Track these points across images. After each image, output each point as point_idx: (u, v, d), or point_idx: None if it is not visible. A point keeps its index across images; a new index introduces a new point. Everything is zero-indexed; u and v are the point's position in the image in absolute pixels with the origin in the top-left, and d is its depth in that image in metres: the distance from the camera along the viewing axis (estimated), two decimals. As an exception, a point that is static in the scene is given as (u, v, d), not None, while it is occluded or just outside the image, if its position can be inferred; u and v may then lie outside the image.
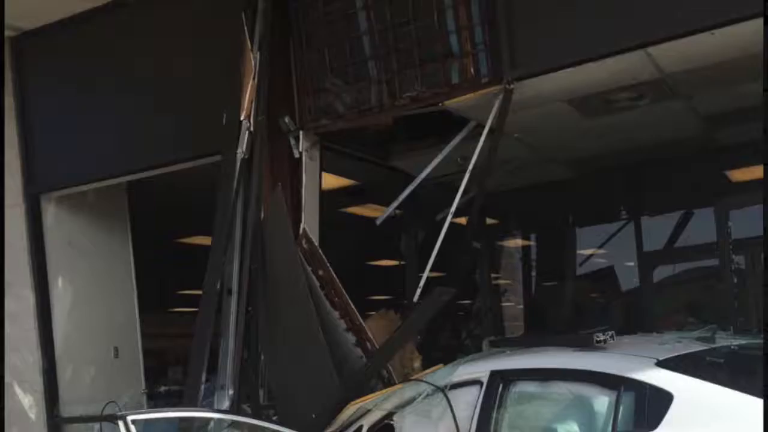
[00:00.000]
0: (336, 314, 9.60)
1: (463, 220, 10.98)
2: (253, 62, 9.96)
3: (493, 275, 16.20)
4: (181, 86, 10.95)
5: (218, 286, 9.68)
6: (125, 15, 11.45)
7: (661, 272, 14.28)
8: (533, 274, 16.62)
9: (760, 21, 7.42)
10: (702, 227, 12.92)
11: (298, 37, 10.39)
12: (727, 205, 11.78)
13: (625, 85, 9.81)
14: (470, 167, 9.63)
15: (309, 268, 9.64)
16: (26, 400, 12.04)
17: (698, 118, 11.40)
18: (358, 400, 7.99)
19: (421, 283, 9.56)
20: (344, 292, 9.66)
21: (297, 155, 10.32)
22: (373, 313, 11.63)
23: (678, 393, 6.32)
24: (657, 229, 14.15)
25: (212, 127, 10.22)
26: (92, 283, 12.54)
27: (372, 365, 8.98)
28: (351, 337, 9.59)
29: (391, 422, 7.84)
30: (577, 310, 15.19)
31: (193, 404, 9.37)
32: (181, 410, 9.07)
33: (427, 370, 8.36)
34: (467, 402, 7.34)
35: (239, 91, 9.98)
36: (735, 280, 11.51)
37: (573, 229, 15.55)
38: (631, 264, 14.46)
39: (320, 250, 9.88)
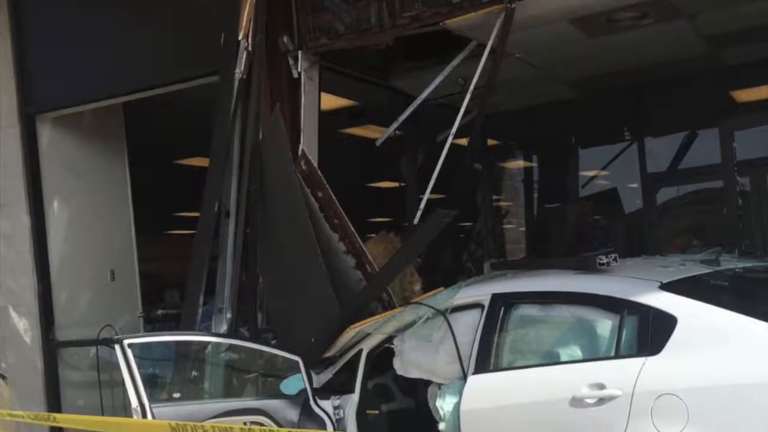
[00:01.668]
0: (335, 237, 9.53)
1: (464, 141, 10.87)
2: (251, -20, 9.84)
3: (494, 197, 16.13)
4: (179, 5, 10.77)
5: (216, 208, 9.66)
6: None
7: (665, 194, 14.18)
8: (535, 196, 16.53)
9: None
10: (706, 148, 12.81)
11: (297, -47, 10.24)
12: (732, 125, 11.66)
13: (629, 4, 9.66)
14: (471, 87, 9.54)
15: (308, 190, 9.55)
16: (21, 324, 12.02)
17: (702, 37, 11.25)
18: (357, 324, 7.94)
19: (422, 205, 9.51)
20: (344, 214, 9.58)
21: (296, 75, 10.21)
22: (373, 235, 11.57)
23: (682, 316, 6.30)
24: (661, 150, 14.03)
25: (210, 47, 10.09)
26: (88, 205, 12.44)
27: (372, 288, 8.92)
28: (351, 260, 9.54)
29: (391, 346, 7.83)
30: (579, 233, 15.14)
31: (190, 328, 9.39)
32: (179, 334, 9.07)
33: (428, 294, 8.31)
34: (468, 325, 7.32)
35: (237, 9, 9.84)
36: (740, 202, 11.44)
37: (575, 150, 15.44)
38: (635, 186, 14.36)
39: (319, 172, 9.79)
